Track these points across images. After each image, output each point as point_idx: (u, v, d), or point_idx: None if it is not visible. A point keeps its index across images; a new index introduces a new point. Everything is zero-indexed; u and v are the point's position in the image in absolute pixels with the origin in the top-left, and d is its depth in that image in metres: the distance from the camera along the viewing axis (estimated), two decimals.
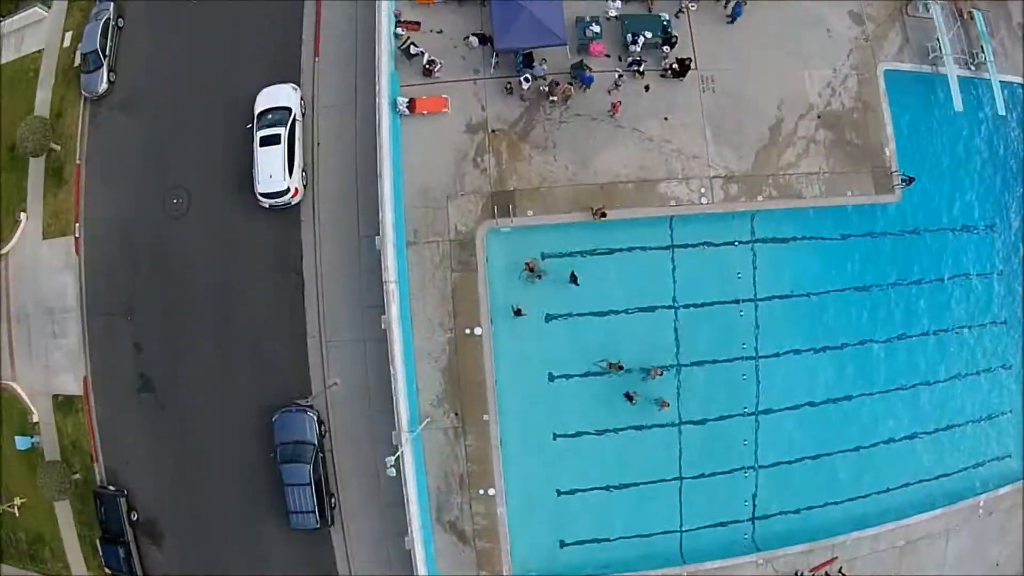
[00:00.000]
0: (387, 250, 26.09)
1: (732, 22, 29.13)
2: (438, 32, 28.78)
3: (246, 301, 29.06)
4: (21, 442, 31.46)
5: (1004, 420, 31.94)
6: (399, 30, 28.47)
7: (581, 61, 27.75)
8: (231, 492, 29.22)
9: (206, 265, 29.43)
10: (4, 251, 32.32)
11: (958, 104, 29.99)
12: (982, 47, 31.23)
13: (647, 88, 28.16)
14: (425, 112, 27.83)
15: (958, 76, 30.52)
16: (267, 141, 27.90)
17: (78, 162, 31.46)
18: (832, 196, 28.76)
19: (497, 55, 27.90)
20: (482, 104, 28.17)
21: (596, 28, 28.15)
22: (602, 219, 26.80)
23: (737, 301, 28.65)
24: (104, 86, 31.15)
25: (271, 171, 27.73)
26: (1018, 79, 32.26)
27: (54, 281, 31.37)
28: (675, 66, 27.94)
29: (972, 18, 31.65)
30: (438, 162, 27.79)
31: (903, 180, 29.15)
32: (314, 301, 28.47)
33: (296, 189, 28.09)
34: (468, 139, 28.00)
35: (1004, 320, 31.98)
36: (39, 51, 33.57)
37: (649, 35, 28.03)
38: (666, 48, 28.16)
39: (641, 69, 27.95)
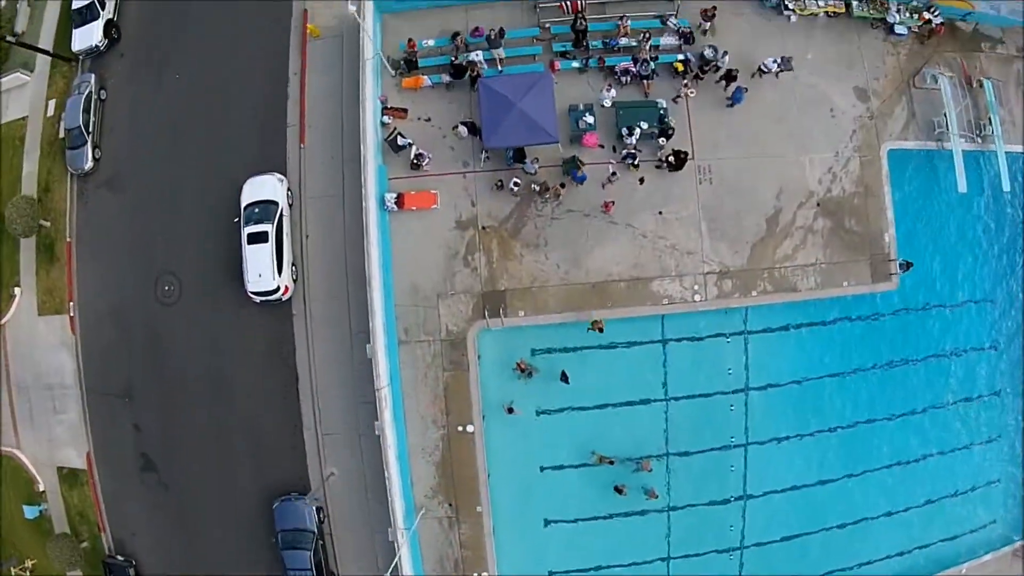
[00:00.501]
0: (378, 357, 26.18)
1: (732, 106, 28.13)
2: (426, 120, 28.05)
3: (242, 390, 29.28)
4: (29, 511, 32.31)
5: (991, 487, 32.26)
6: (385, 118, 27.75)
7: (574, 157, 26.99)
8: (236, 566, 30.05)
9: (201, 354, 29.52)
10: (2, 322, 32.50)
11: (962, 186, 29.20)
12: (990, 119, 30.13)
13: (641, 181, 27.49)
14: (414, 208, 27.37)
15: (963, 150, 29.62)
16: (255, 238, 27.55)
17: (68, 240, 31.26)
18: (828, 288, 28.36)
19: (487, 151, 27.23)
20: (472, 199, 27.66)
21: (590, 119, 27.29)
22: (600, 333, 26.64)
23: (728, 392, 28.69)
24: (89, 164, 30.66)
25: (260, 270, 27.51)
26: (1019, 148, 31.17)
27: (51, 358, 31.60)
28: (671, 159, 27.15)
29: (982, 86, 30.43)
30: (428, 260, 27.53)
31: (901, 266, 28.70)
32: (308, 394, 28.66)
33: (286, 287, 27.94)
34: (458, 236, 27.63)
35: (998, 391, 31.91)
36: (24, 118, 32.87)
37: (645, 126, 27.17)
38: (662, 140, 27.33)
39: (636, 162, 27.21)
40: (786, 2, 28.98)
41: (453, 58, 27.56)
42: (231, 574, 29.89)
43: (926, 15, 29.72)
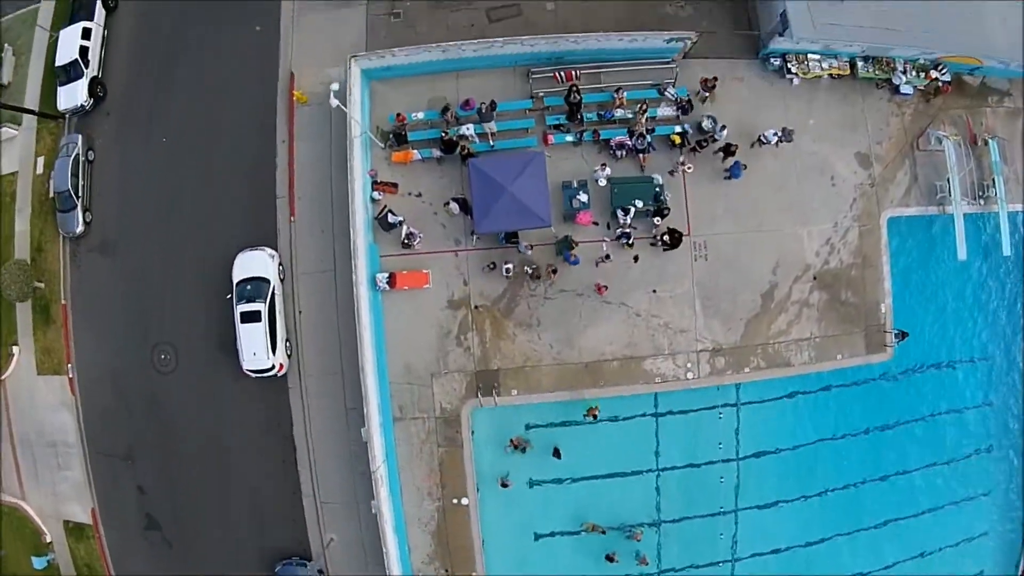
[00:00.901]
0: (373, 440, 26.37)
1: (729, 179, 27.55)
2: (416, 195, 27.63)
3: (242, 458, 29.61)
4: (38, 562, 33.03)
5: (981, 539, 32.72)
6: (376, 194, 27.37)
7: (567, 237, 26.61)
8: None
9: (199, 421, 29.78)
10: (2, 378, 32.78)
11: (962, 254, 28.75)
12: (994, 180, 29.46)
13: (636, 259, 27.18)
14: (406, 287, 27.19)
15: (965, 213, 29.07)
16: (248, 317, 27.53)
17: (63, 302, 31.26)
18: (822, 361, 28.29)
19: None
20: (464, 278, 27.45)
21: (583, 197, 26.82)
22: (594, 420, 26.80)
23: (719, 462, 28.94)
24: (80, 227, 30.43)
25: (254, 349, 27.58)
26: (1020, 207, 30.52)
27: (53, 417, 31.87)
28: (666, 238, 26.74)
29: (987, 144, 29.65)
30: (421, 340, 27.50)
31: (896, 336, 28.55)
32: (307, 464, 29.01)
33: (281, 364, 28.01)
34: (451, 315, 27.52)
35: (989, 447, 32.06)
36: (13, 173, 32.50)
37: (640, 204, 26.67)
38: (657, 219, 26.88)
39: (631, 241, 26.84)
40: (789, 65, 28.10)
41: (443, 133, 26.92)
42: None
43: (933, 74, 28.88)
